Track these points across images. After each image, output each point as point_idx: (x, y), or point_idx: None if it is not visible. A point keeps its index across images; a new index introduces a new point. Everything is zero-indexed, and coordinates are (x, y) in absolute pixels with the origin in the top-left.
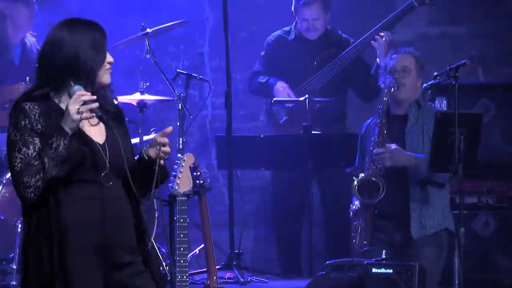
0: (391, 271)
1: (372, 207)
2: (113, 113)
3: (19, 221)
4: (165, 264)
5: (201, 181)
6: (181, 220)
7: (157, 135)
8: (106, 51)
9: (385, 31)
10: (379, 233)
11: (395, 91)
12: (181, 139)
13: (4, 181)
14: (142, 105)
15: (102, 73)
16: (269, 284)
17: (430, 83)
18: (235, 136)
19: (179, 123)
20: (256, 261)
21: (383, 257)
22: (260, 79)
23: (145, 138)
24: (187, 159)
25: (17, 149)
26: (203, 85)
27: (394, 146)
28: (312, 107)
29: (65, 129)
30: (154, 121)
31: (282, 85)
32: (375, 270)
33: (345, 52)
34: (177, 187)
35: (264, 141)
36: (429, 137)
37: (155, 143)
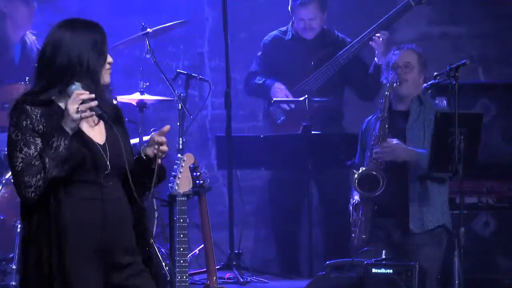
0: (391, 271)
1: (372, 202)
2: (112, 113)
3: (19, 221)
4: (164, 264)
5: (201, 181)
6: (181, 220)
7: (155, 134)
8: (107, 52)
9: (383, 31)
10: (378, 230)
11: (397, 86)
12: (181, 139)
13: (3, 181)
14: (142, 105)
15: (103, 73)
16: (268, 284)
17: (430, 83)
18: (235, 136)
19: (179, 123)
20: (255, 261)
21: (383, 257)
22: (257, 80)
23: (145, 138)
24: (187, 159)
25: (18, 149)
26: (203, 85)
27: (395, 141)
28: (311, 107)
29: (66, 129)
30: (154, 121)
31: (279, 86)
32: (375, 270)
33: (342, 51)
34: (177, 187)
35: (264, 141)
36: (430, 133)
37: (153, 142)
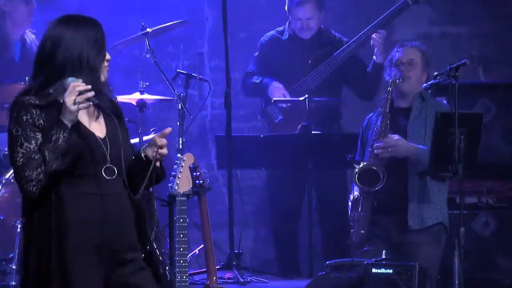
0: (391, 271)
1: (371, 197)
2: (112, 109)
3: (19, 221)
4: (164, 264)
5: (201, 181)
6: (181, 220)
7: (156, 135)
8: (106, 48)
9: (380, 29)
10: (378, 228)
11: (400, 83)
12: (181, 139)
13: (3, 181)
14: (141, 104)
15: (101, 70)
16: (268, 284)
17: (430, 83)
18: (235, 136)
19: (179, 123)
20: (255, 261)
21: (383, 257)
22: (254, 80)
23: (145, 138)
24: (187, 159)
25: (19, 144)
26: (202, 85)
27: (396, 136)
28: (310, 107)
29: (64, 121)
30: (153, 121)
31: (277, 85)
32: (375, 270)
33: (340, 50)
34: (176, 187)
35: (263, 141)
36: (431, 130)
37: (154, 143)
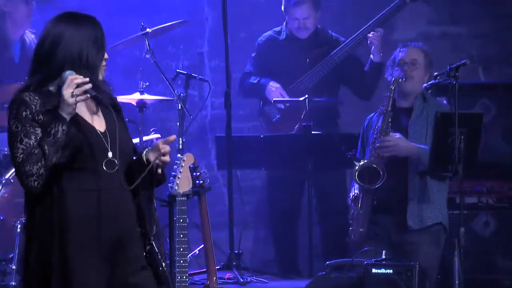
0: (391, 271)
1: (371, 196)
2: (111, 103)
3: (19, 221)
4: (164, 264)
5: (201, 181)
6: (181, 220)
7: (161, 141)
8: (105, 47)
9: (377, 28)
10: (377, 228)
11: (402, 82)
12: (181, 139)
13: (3, 181)
14: (141, 105)
15: (100, 69)
16: (268, 284)
17: (430, 83)
18: (235, 136)
19: (178, 123)
20: (255, 262)
21: (383, 257)
22: (251, 80)
23: (145, 138)
24: (187, 159)
25: (19, 140)
26: (202, 85)
27: (398, 135)
28: (310, 107)
29: (63, 115)
30: (153, 121)
31: (274, 85)
32: (375, 270)
33: (337, 50)
34: (176, 187)
35: (263, 141)
36: (432, 130)
37: (157, 149)
